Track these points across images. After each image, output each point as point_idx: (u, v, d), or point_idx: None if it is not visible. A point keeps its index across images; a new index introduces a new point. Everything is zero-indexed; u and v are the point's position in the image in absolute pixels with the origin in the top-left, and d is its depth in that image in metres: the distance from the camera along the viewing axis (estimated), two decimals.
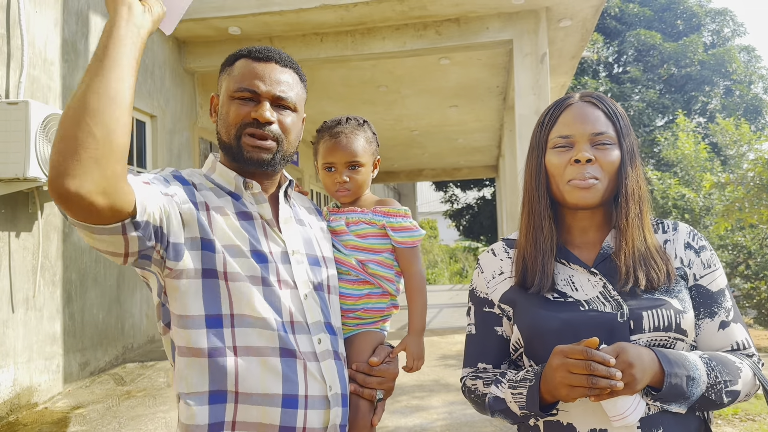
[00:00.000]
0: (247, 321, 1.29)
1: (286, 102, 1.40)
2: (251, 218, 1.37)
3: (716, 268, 1.36)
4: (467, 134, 13.27)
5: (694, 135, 12.08)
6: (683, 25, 17.62)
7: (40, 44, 4.93)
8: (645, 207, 1.35)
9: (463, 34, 6.84)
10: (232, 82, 1.40)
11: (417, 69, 8.62)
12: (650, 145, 15.74)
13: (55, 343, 5.01)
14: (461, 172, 18.46)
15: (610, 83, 16.58)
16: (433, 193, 25.43)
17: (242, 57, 1.43)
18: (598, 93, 1.41)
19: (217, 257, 1.28)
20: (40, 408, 4.71)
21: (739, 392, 1.24)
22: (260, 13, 6.49)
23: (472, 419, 4.29)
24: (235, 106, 1.37)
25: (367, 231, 1.58)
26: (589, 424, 1.24)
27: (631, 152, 1.35)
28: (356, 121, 1.67)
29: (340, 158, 1.60)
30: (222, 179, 1.41)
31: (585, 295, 1.30)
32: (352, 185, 1.62)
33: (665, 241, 1.37)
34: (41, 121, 4.33)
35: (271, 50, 1.43)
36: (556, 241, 1.36)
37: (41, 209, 4.82)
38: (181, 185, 1.32)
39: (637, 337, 1.24)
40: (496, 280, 1.43)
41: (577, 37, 7.48)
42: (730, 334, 1.31)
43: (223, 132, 1.40)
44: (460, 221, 23.41)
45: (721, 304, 1.33)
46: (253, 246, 1.33)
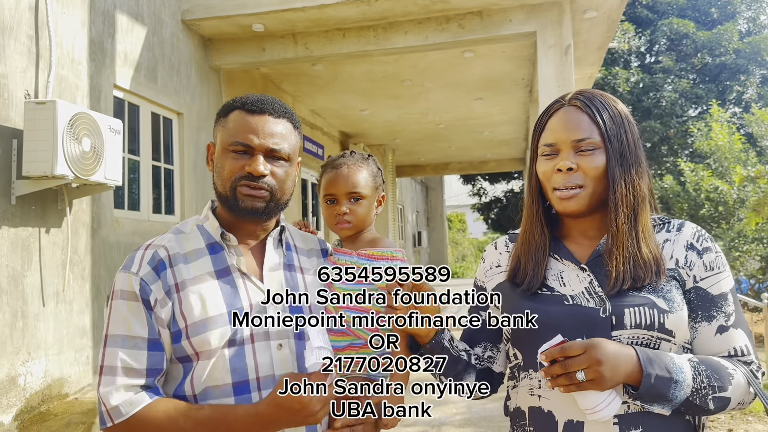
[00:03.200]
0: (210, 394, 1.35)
1: (280, 154, 1.43)
2: (229, 273, 1.42)
3: (720, 271, 1.32)
4: (493, 127, 13.17)
5: (728, 125, 11.78)
6: (718, 13, 17.14)
7: (68, 44, 5.05)
8: (642, 209, 1.33)
9: (485, 26, 6.79)
10: (226, 135, 1.43)
11: (440, 62, 8.59)
12: (683, 136, 15.39)
13: (84, 335, 5.16)
14: (488, 165, 18.34)
15: (642, 73, 16.23)
16: (461, 186, 25.31)
17: (236, 109, 1.45)
18: (589, 93, 1.37)
19: (184, 344, 1.35)
20: (70, 398, 4.86)
21: (729, 399, 1.22)
22: (283, 10, 6.53)
23: (491, 414, 4.29)
24: (230, 160, 1.41)
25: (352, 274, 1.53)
26: (567, 414, 1.26)
27: (620, 154, 1.32)
28: (360, 155, 1.66)
29: (341, 189, 1.58)
30: (210, 228, 1.46)
31: (571, 290, 1.32)
32: (353, 218, 1.58)
33: (665, 240, 1.35)
34: (68, 120, 4.44)
35: (264, 102, 1.45)
36: (548, 245, 1.39)
37: (70, 206, 4.96)
38: (160, 276, 1.37)
39: (618, 333, 1.24)
40: (493, 271, 1.51)
41: (603, 28, 7.36)
42: (728, 340, 1.29)
43: (218, 184, 1.45)
44: (489, 214, 23.28)
45: (721, 308, 1.30)
46: (230, 304, 1.38)
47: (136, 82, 5.99)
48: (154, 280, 1.35)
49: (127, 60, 5.88)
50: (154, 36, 6.31)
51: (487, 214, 23.33)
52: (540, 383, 1.32)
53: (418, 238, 21.43)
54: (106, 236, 5.46)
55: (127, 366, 1.30)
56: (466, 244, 30.11)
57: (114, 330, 1.33)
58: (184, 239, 1.44)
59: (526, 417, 1.35)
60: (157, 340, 1.33)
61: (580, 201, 1.32)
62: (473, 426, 4.10)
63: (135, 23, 6.01)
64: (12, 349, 4.36)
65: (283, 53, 7.26)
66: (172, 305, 1.35)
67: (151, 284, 1.35)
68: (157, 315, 1.34)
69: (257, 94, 1.48)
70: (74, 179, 4.53)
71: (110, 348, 1.32)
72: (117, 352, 1.31)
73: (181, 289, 1.36)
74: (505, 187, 23.15)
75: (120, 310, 1.34)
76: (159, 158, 6.53)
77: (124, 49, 5.83)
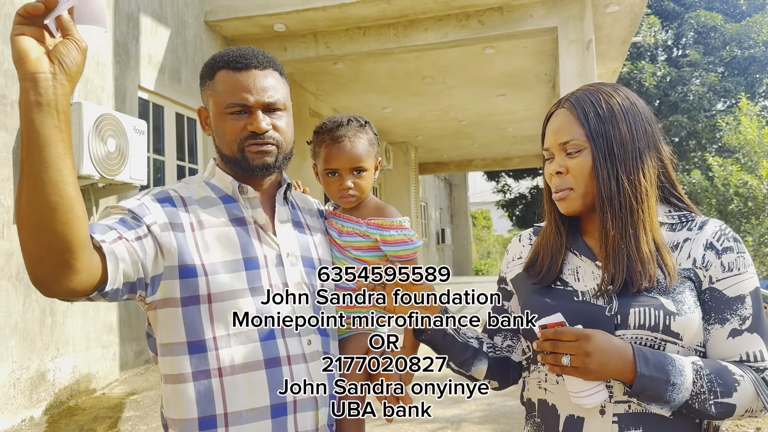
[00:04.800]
0: (231, 340, 1.31)
1: (276, 106, 1.42)
2: (245, 223, 1.41)
3: (740, 273, 1.26)
4: (516, 123, 13.09)
5: (757, 119, 11.54)
6: (746, 5, 16.78)
7: (93, 47, 5.16)
8: (641, 204, 1.28)
9: (506, 22, 6.76)
10: (219, 98, 1.41)
11: (462, 59, 8.57)
12: (711, 130, 15.12)
13: (111, 332, 5.27)
14: (512, 162, 18.22)
15: (669, 67, 15.98)
16: (485, 183, 25.17)
17: (221, 68, 1.42)
18: (580, 93, 1.37)
19: (200, 281, 1.31)
20: (98, 394, 4.98)
21: (734, 406, 1.18)
22: (304, 10, 6.59)
23: (510, 410, 4.29)
24: (230, 122, 1.40)
25: (361, 244, 1.54)
26: (568, 409, 1.28)
27: (608, 151, 1.29)
28: (358, 123, 1.59)
29: (345, 164, 1.54)
30: (220, 183, 1.45)
31: (584, 286, 1.32)
32: (357, 191, 1.56)
33: (686, 239, 1.30)
34: (94, 121, 4.55)
35: (248, 56, 1.42)
36: (564, 242, 1.40)
37: (96, 205, 5.07)
38: (164, 207, 1.34)
39: (622, 332, 1.23)
40: (514, 262, 1.53)
41: (625, 22, 7.27)
42: (741, 344, 1.24)
43: (224, 147, 1.42)
44: (513, 211, 23.12)
45: (737, 311, 1.25)
46: (246, 253, 1.37)
47: (160, 83, 6.09)
48: (156, 209, 1.33)
49: (152, 61, 5.99)
50: (177, 37, 6.41)
51: (512, 210, 23.17)
52: (546, 376, 1.34)
53: (441, 236, 21.38)
54: None
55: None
56: (491, 241, 29.95)
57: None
58: (194, 189, 1.43)
59: (536, 408, 1.37)
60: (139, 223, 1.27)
61: (572, 202, 1.34)
62: (493, 423, 4.11)
63: (159, 25, 6.11)
64: (41, 346, 4.48)
65: (305, 52, 7.32)
66: (180, 239, 1.32)
67: (151, 210, 1.32)
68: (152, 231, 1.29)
69: (237, 48, 1.45)
70: (100, 179, 4.64)
71: None
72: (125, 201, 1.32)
73: (198, 229, 1.35)
74: (529, 184, 22.97)
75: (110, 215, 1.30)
76: (183, 158, 6.63)
77: (149, 51, 5.94)
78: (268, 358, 1.33)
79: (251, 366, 1.32)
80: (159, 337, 1.35)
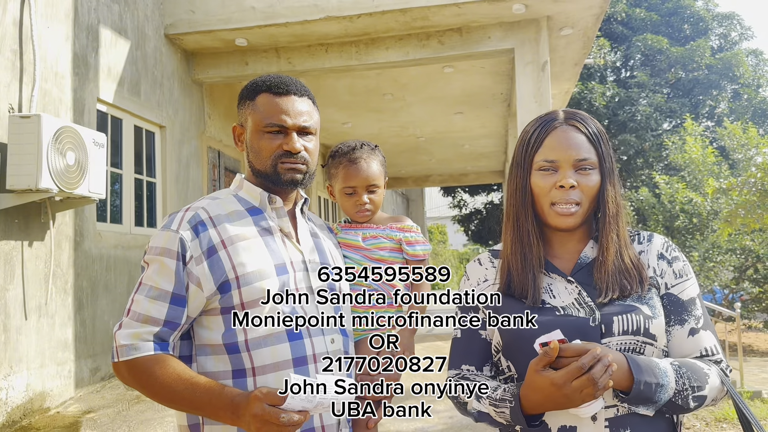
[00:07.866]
0: (262, 341, 1.45)
1: (309, 129, 1.59)
2: (271, 233, 1.56)
3: (688, 278, 1.43)
4: (473, 140, 13.35)
5: (701, 139, 12.06)
6: (690, 30, 17.58)
7: (52, 58, 5.08)
8: (621, 222, 1.43)
9: (465, 43, 6.94)
10: (259, 117, 1.56)
11: (421, 77, 8.72)
12: (658, 149, 15.72)
13: (66, 349, 5.14)
14: (468, 178, 18.52)
15: (617, 88, 16.56)
16: (442, 198, 25.45)
17: (263, 92, 1.58)
18: (582, 114, 1.45)
19: (233, 294, 1.45)
20: (52, 412, 4.84)
21: (706, 397, 1.31)
22: (266, 25, 6.62)
23: (473, 423, 4.37)
24: (267, 140, 1.55)
25: (384, 245, 1.77)
26: (559, 421, 1.32)
27: (610, 173, 1.42)
28: (369, 147, 1.82)
29: (361, 182, 1.77)
30: (248, 195, 1.60)
31: (562, 302, 1.39)
32: (372, 206, 1.80)
33: (640, 252, 1.45)
34: (53, 134, 4.46)
35: (288, 83, 1.58)
36: (543, 259, 1.44)
37: (53, 219, 4.96)
38: (198, 235, 1.48)
39: (608, 340, 1.32)
40: (481, 287, 1.52)
41: (579, 44, 7.55)
42: (699, 341, 1.39)
43: (257, 162, 1.58)
44: (469, 226, 23.42)
45: (692, 312, 1.40)
46: (276, 259, 1.52)
47: (119, 96, 6.02)
48: (192, 238, 1.46)
49: (111, 74, 5.92)
50: (137, 50, 6.35)
51: (467, 225, 23.45)
52: None
53: None
54: (88, 249, 5.46)
55: (146, 314, 1.42)
56: (447, 255, 30.20)
57: (146, 280, 1.45)
58: (222, 204, 1.56)
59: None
60: (181, 296, 1.44)
61: (577, 218, 1.40)
62: None
63: (119, 37, 6.05)
64: None
65: (266, 67, 7.33)
66: (214, 261, 1.45)
67: (188, 242, 1.45)
68: (189, 271, 1.44)
69: (276, 76, 1.62)
70: (58, 192, 4.55)
71: (138, 295, 1.45)
72: (142, 299, 1.44)
73: (228, 245, 1.48)
74: (484, 199, 23.32)
75: (154, 264, 1.46)
76: (141, 171, 6.54)
77: (108, 63, 5.87)
78: (296, 357, 1.46)
79: (280, 365, 1.45)
80: (197, 338, 1.50)
